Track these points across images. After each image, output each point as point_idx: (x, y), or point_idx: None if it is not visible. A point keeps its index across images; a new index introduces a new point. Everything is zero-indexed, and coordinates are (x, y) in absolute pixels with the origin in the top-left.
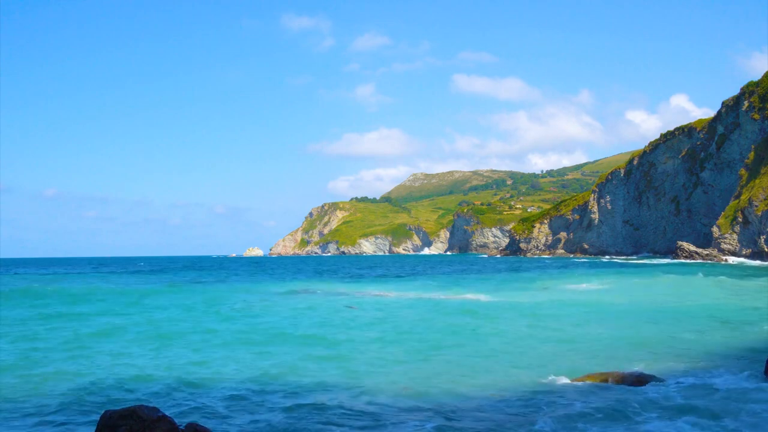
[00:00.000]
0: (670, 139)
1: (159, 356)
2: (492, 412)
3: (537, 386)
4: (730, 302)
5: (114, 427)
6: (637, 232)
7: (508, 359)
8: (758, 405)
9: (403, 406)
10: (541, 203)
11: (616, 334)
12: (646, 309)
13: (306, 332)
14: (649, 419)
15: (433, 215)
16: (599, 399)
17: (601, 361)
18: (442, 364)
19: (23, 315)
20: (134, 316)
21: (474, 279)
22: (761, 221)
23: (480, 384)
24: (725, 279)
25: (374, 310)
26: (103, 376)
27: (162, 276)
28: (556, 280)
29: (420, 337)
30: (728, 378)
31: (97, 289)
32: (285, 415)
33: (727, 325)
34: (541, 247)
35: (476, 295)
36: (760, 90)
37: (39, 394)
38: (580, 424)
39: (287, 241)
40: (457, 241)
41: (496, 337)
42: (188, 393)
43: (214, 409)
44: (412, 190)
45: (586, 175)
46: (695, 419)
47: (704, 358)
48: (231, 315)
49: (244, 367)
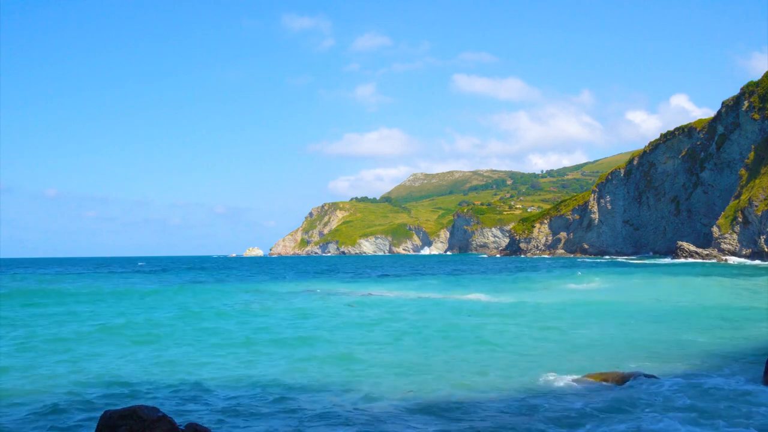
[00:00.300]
0: (670, 139)
1: (159, 356)
2: (492, 412)
3: (537, 386)
4: (729, 302)
5: (114, 427)
6: (637, 232)
7: (509, 359)
8: (756, 408)
9: (403, 406)
10: (541, 203)
11: (616, 335)
12: (645, 309)
13: (306, 332)
14: (648, 420)
15: (433, 215)
16: (599, 399)
17: (602, 361)
18: (441, 364)
19: (23, 315)
20: (134, 316)
21: (474, 279)
22: (761, 221)
23: (480, 384)
24: (725, 279)
25: (374, 310)
26: (102, 375)
27: (162, 276)
28: (556, 280)
29: (420, 337)
30: (727, 380)
31: (98, 289)
32: (286, 415)
33: (727, 326)
34: (541, 247)
35: (477, 295)
36: (760, 90)
37: (39, 394)
38: (580, 423)
39: (287, 241)
40: (457, 241)
41: (497, 337)
42: (188, 393)
43: (215, 409)
44: (412, 190)
45: (586, 175)
46: (693, 420)
47: (704, 359)
48: (231, 315)
49: (244, 367)
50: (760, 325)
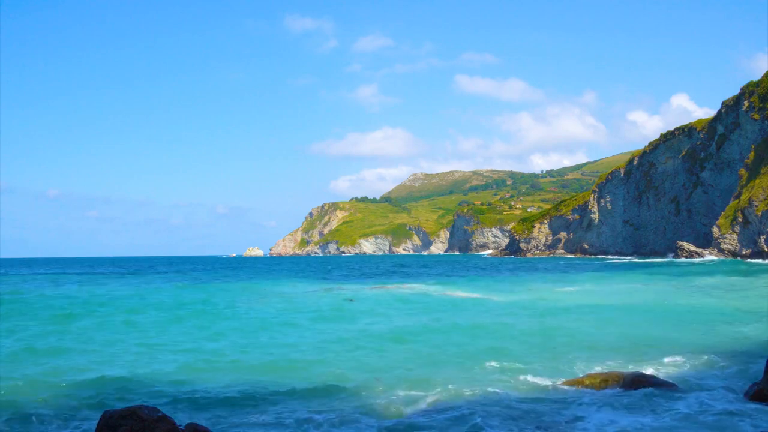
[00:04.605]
0: (670, 139)
1: (159, 356)
2: (493, 411)
3: (538, 386)
4: (729, 302)
5: (114, 427)
6: (637, 232)
7: (509, 359)
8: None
9: (404, 406)
10: (541, 203)
11: (616, 335)
12: (646, 309)
13: (307, 333)
14: (647, 419)
15: (433, 215)
16: (599, 398)
17: (601, 361)
18: (441, 363)
19: (22, 315)
20: (134, 316)
21: (474, 279)
22: (761, 221)
23: (481, 384)
24: (725, 279)
25: (375, 310)
26: (103, 375)
27: (162, 276)
28: (556, 280)
29: (421, 336)
30: (726, 382)
31: (97, 289)
32: (287, 416)
33: (727, 326)
34: (541, 247)
35: (475, 294)
36: (760, 90)
37: (39, 394)
38: (579, 424)
39: (287, 241)
40: (457, 241)
41: (497, 336)
42: (188, 393)
43: (215, 409)
44: (412, 190)
45: (586, 175)
46: (692, 419)
47: (704, 359)
48: (231, 315)
49: (245, 367)
50: (757, 326)
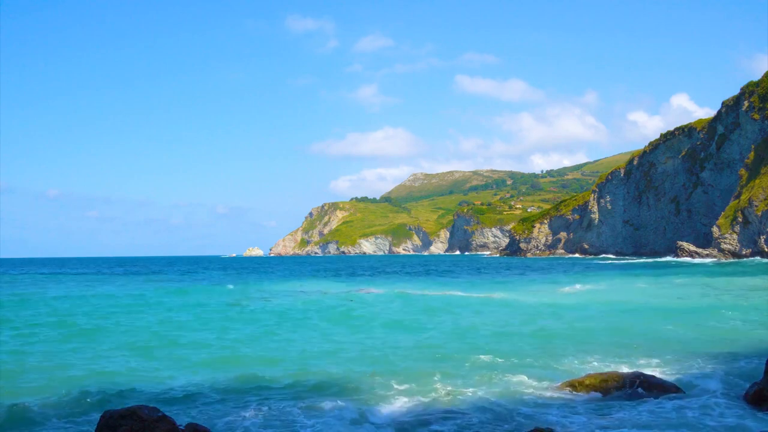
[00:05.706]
0: (670, 139)
1: (159, 356)
2: (491, 411)
3: (538, 386)
4: (729, 301)
5: (114, 427)
6: (637, 232)
7: (509, 359)
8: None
9: (403, 407)
10: (541, 203)
11: (616, 335)
12: (646, 309)
13: (306, 333)
14: (647, 419)
15: (433, 215)
16: (599, 398)
17: (600, 362)
18: (440, 364)
19: (22, 315)
20: (135, 317)
21: (475, 278)
22: (761, 221)
23: (480, 383)
24: (724, 279)
25: (374, 310)
26: (102, 375)
27: (162, 276)
28: (556, 280)
29: (421, 336)
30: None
31: (98, 289)
32: (287, 416)
33: (727, 325)
34: (541, 247)
35: (473, 294)
36: (760, 90)
37: (38, 394)
38: (579, 424)
39: (287, 241)
40: (457, 241)
41: (498, 336)
42: (188, 393)
43: (215, 409)
44: (412, 190)
45: (586, 175)
46: (692, 419)
47: (703, 359)
48: (231, 315)
49: (245, 367)
50: (756, 326)
